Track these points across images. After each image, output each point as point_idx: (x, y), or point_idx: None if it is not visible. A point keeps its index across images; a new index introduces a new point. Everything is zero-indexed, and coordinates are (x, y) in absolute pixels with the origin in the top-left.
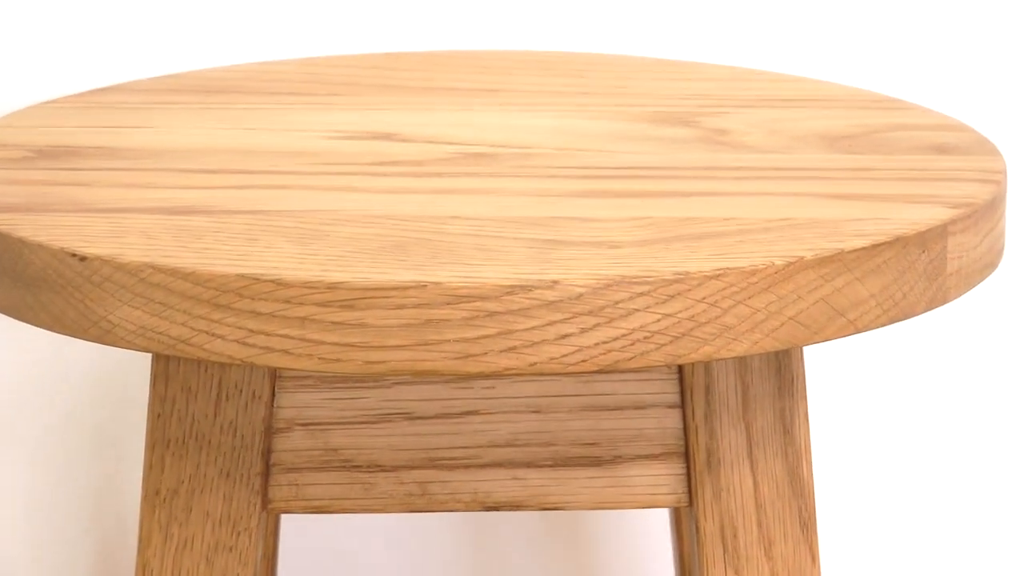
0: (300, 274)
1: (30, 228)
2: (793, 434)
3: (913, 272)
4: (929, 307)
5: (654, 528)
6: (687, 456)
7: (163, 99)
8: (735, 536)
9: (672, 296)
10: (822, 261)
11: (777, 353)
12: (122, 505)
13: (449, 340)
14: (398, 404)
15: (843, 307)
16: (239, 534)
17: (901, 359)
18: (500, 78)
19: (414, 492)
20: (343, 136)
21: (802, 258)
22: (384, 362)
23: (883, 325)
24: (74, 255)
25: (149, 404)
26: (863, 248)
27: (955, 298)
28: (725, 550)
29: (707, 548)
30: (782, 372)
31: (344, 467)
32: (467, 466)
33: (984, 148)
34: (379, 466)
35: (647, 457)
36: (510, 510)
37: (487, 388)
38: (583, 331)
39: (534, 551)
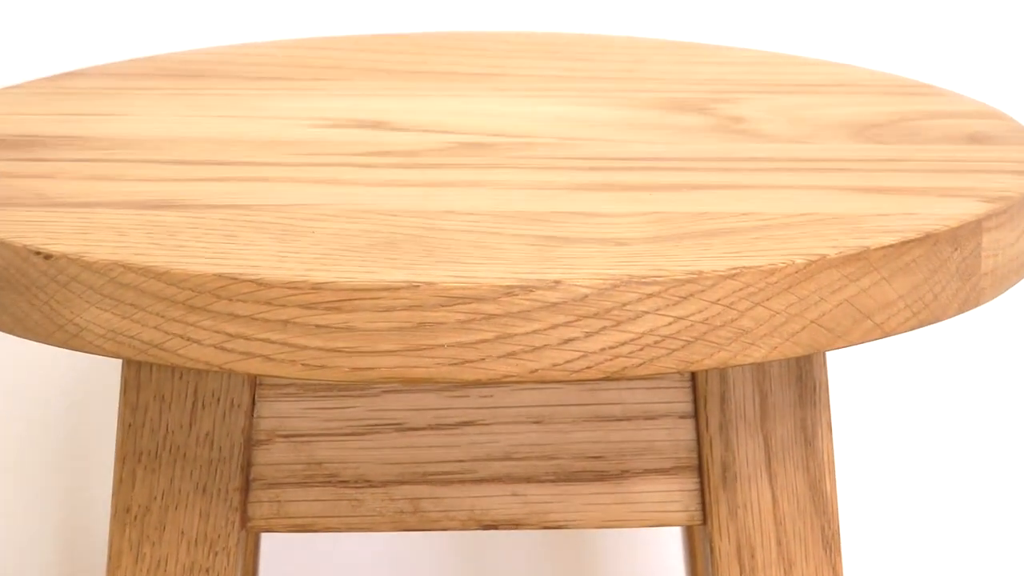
0: (282, 274)
1: None
2: (815, 446)
3: (944, 271)
4: (962, 309)
5: (665, 548)
6: (700, 470)
7: (135, 84)
8: (752, 556)
9: (684, 297)
10: (846, 260)
11: (798, 359)
12: (91, 522)
13: (443, 345)
14: (388, 414)
15: (869, 309)
16: (216, 554)
17: (931, 366)
18: (499, 62)
19: (405, 509)
20: (329, 124)
21: (825, 256)
22: (373, 369)
23: (912, 329)
24: (38, 253)
25: (119, 414)
26: (891, 246)
27: (990, 300)
28: (742, 571)
29: (722, 569)
30: (803, 379)
31: (329, 482)
32: (462, 481)
33: (1022, 137)
34: (367, 481)
35: (657, 471)
36: (509, 529)
37: (484, 397)
38: (588, 335)
39: (534, 574)
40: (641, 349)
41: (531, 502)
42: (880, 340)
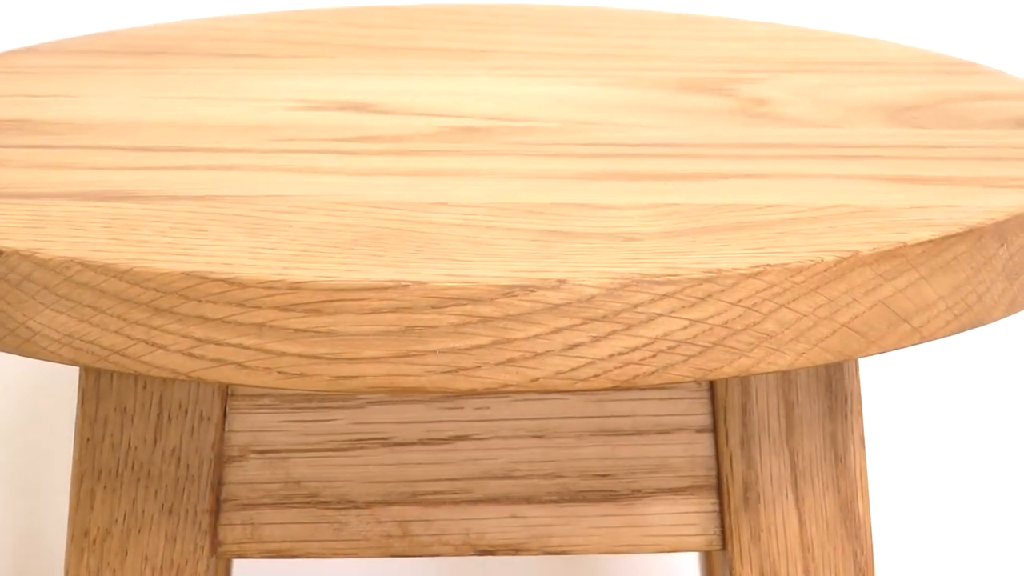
0: (257, 272)
1: None
2: (847, 463)
3: (990, 270)
4: (1008, 312)
5: (681, 575)
6: (720, 490)
7: (92, 62)
8: None
9: (702, 298)
10: (881, 256)
11: (827, 367)
12: (46, 548)
13: (435, 351)
14: (374, 428)
15: (906, 312)
16: None
17: (975, 375)
18: (495, 37)
19: (393, 533)
20: (308, 107)
21: (857, 253)
22: (357, 377)
23: (953, 333)
24: None
25: (77, 427)
26: (930, 241)
27: None
28: None
29: None
30: (833, 389)
31: (309, 503)
32: (456, 502)
33: None
34: (351, 502)
35: (672, 491)
36: (508, 554)
37: (480, 409)
38: (595, 340)
39: None
40: (654, 355)
41: (532, 525)
42: (918, 346)
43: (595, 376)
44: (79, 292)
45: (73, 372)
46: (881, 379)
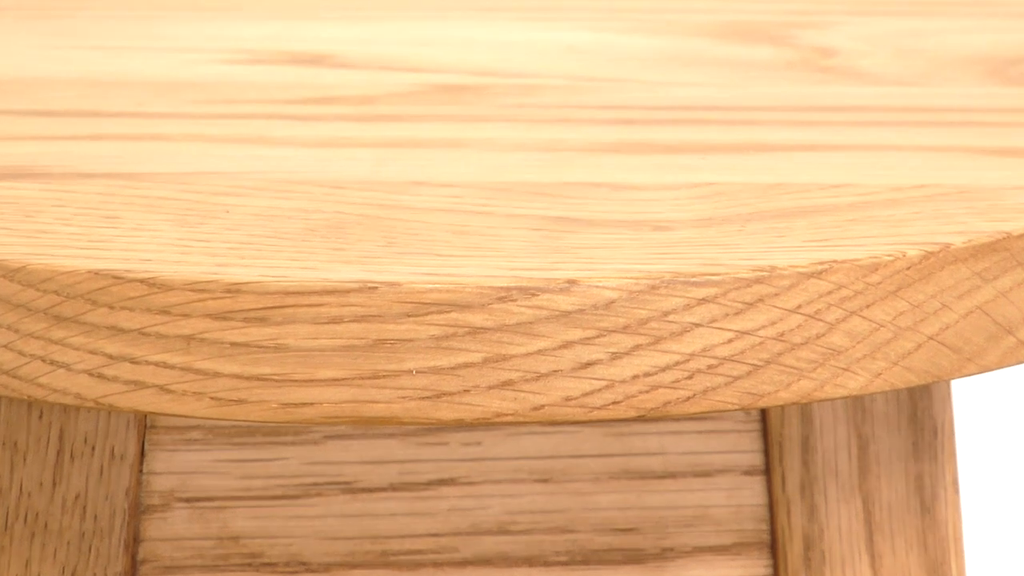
0: (185, 271)
1: None
2: (935, 514)
3: None
4: None
5: None
6: (775, 548)
7: None
8: None
9: (751, 304)
10: (979, 251)
11: (911, 391)
12: None
13: (411, 371)
14: (333, 470)
15: (1010, 321)
16: None
17: None
18: None
19: None
20: (249, 59)
21: (949, 246)
22: (312, 404)
23: None
24: None
25: None
26: None
27: None
28: None
29: None
30: (919, 420)
31: (250, 565)
32: (438, 564)
33: None
34: (303, 564)
35: (713, 550)
36: None
37: (469, 445)
38: (615, 357)
39: None
40: (690, 377)
41: None
42: None
43: (615, 403)
44: None
45: None
46: (979, 408)
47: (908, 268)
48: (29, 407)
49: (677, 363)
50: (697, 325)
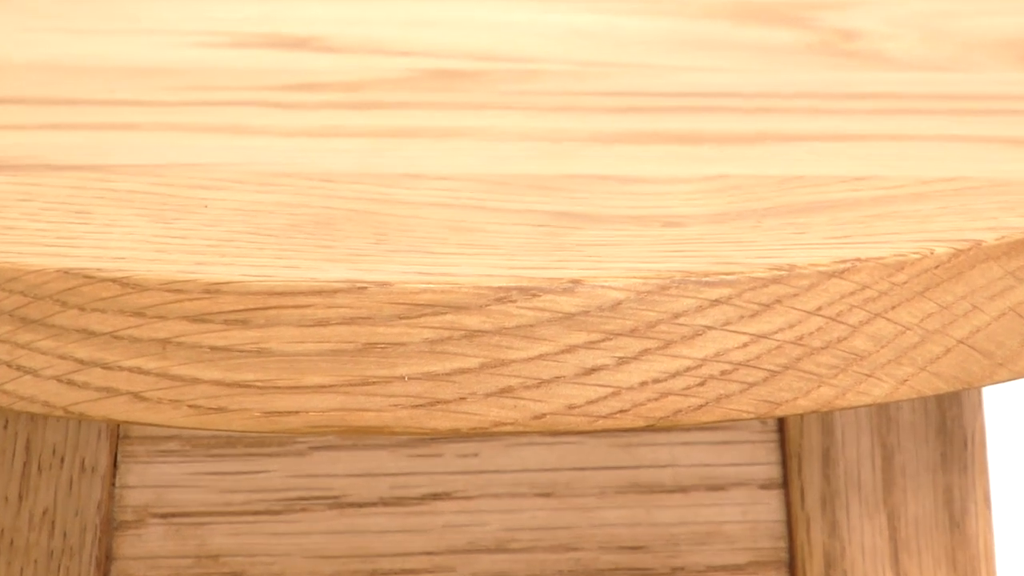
0: (161, 270)
1: None
2: (965, 530)
3: None
4: None
5: None
6: (793, 567)
7: None
8: None
9: (767, 306)
10: (1012, 248)
11: (939, 399)
12: None
13: (403, 377)
14: (319, 483)
15: None
16: None
17: None
18: None
19: None
20: (228, 43)
21: (979, 243)
22: (297, 413)
23: None
24: None
25: None
26: None
27: None
28: None
29: None
30: (948, 430)
31: None
32: None
33: None
34: None
35: (727, 569)
36: None
37: (465, 457)
38: (621, 362)
39: None
40: (702, 383)
41: None
42: None
43: (622, 412)
44: None
45: None
46: (1012, 417)
47: (936, 267)
48: None
49: (688, 369)
50: (710, 328)
